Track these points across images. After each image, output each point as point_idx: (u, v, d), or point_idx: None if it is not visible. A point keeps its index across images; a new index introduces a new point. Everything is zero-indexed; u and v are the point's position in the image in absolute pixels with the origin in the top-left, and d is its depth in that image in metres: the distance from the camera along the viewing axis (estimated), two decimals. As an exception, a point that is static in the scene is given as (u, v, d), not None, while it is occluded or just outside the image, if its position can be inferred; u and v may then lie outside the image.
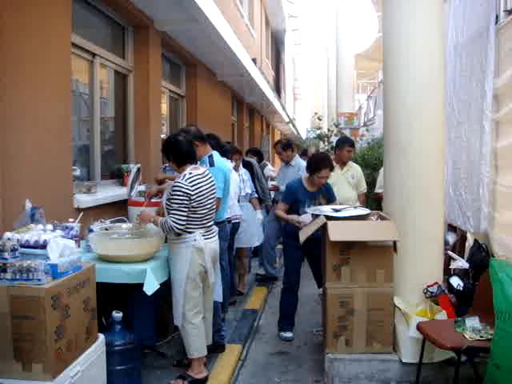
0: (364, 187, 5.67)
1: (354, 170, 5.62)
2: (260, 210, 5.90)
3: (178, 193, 3.23)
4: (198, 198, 3.31)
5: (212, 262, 3.44)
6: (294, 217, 4.24)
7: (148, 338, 3.80)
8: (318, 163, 4.26)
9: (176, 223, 3.22)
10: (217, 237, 3.57)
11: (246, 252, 5.91)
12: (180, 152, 3.39)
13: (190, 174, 3.32)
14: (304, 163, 6.62)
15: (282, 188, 6.08)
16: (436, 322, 3.28)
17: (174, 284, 3.38)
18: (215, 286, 3.68)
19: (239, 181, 5.38)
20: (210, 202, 3.42)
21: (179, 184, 3.26)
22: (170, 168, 4.73)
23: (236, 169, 5.48)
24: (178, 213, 3.23)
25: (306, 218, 4.07)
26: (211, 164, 3.91)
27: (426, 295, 3.48)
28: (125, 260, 3.23)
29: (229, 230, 4.46)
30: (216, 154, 4.05)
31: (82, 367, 2.50)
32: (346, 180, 5.42)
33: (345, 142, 5.60)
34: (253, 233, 5.67)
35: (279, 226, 5.69)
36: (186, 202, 3.24)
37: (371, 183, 6.75)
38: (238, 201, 5.25)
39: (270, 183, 6.29)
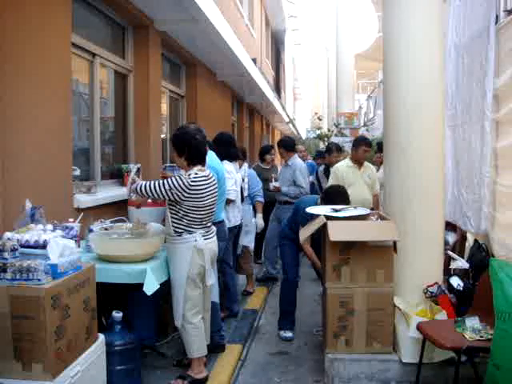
0: (377, 187, 5.66)
1: (370, 170, 5.66)
2: (260, 215, 5.77)
3: (177, 179, 3.22)
4: (193, 200, 3.27)
5: (211, 262, 3.44)
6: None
7: (148, 337, 3.79)
8: (333, 199, 4.03)
9: (145, 188, 3.26)
10: (215, 237, 3.56)
11: (250, 252, 5.89)
12: (197, 152, 3.38)
13: (196, 174, 3.31)
14: (301, 162, 6.62)
15: (284, 189, 6.08)
16: (436, 322, 3.28)
17: (173, 284, 3.38)
18: (213, 286, 3.67)
19: (240, 181, 5.37)
20: (211, 203, 3.41)
21: (182, 176, 3.26)
22: (171, 168, 4.74)
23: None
24: (158, 188, 3.23)
25: None
26: None
27: (426, 295, 3.48)
28: (125, 260, 3.23)
29: (227, 231, 4.43)
30: (209, 154, 4.05)
31: (82, 367, 2.50)
32: (363, 181, 5.41)
33: (361, 142, 5.60)
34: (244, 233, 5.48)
35: (280, 226, 5.68)
36: (173, 191, 3.22)
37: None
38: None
39: (272, 185, 6.25)
